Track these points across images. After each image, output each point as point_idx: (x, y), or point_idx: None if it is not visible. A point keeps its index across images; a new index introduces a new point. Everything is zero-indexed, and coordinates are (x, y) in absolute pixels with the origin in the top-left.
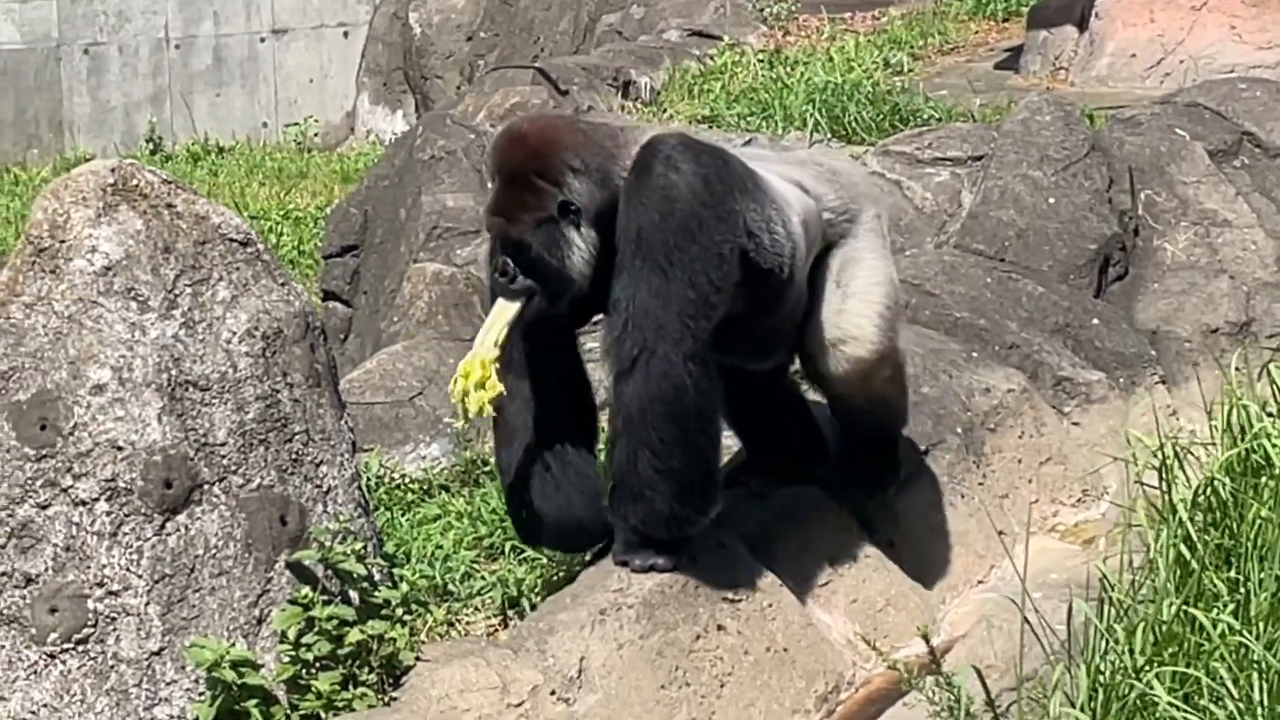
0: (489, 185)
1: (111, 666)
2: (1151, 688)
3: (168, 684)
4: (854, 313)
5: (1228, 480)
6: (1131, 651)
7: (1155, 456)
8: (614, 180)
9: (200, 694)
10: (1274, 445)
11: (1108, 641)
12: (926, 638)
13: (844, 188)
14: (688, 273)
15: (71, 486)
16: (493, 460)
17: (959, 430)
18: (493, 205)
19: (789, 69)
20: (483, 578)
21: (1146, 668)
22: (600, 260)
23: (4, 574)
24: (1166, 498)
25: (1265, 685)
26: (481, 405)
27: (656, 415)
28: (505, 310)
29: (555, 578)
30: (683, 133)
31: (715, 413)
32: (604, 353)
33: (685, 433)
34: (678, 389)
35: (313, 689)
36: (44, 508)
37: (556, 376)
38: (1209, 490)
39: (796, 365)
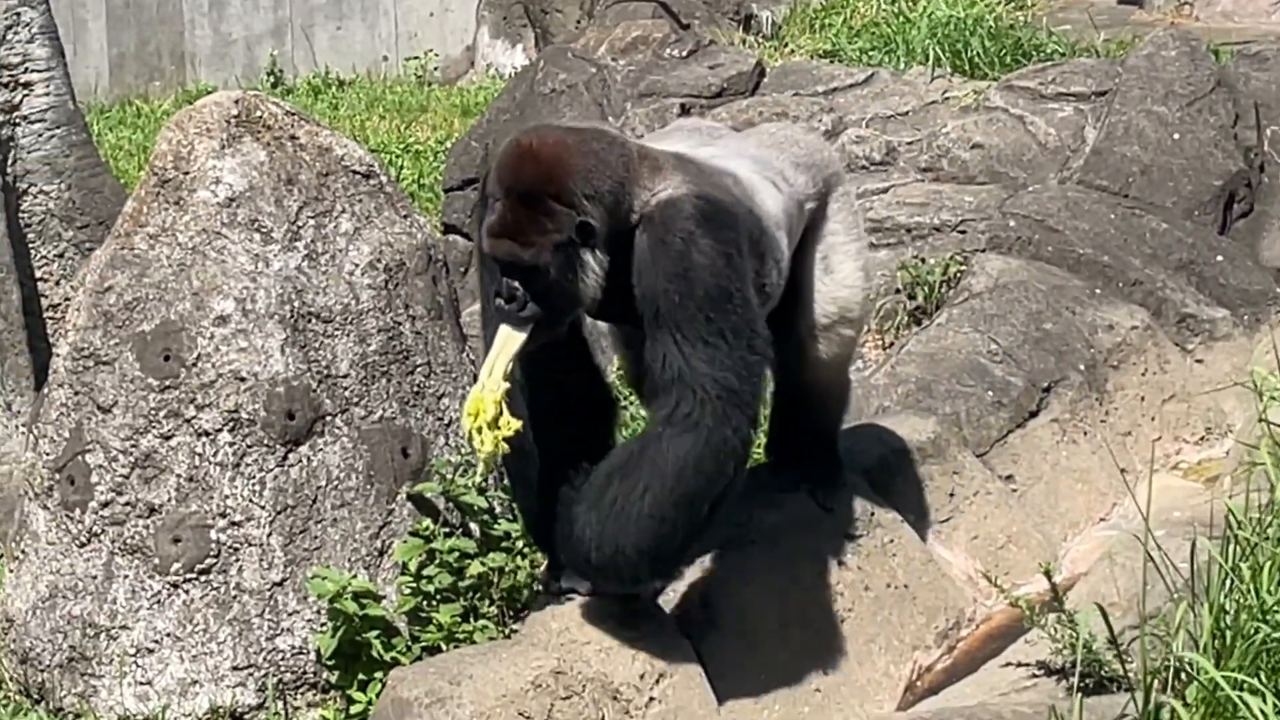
0: (492, 202)
1: (234, 597)
2: (1278, 629)
3: (289, 615)
4: (845, 297)
5: None
6: (1257, 591)
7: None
8: (625, 209)
9: (322, 625)
10: None
11: (1232, 580)
12: (1049, 574)
13: (818, 169)
14: (724, 340)
15: (195, 417)
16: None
17: (1081, 367)
18: (499, 226)
19: (911, 3)
20: None
21: (1275, 608)
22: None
23: (128, 504)
24: None
25: None
26: (496, 444)
27: (689, 478)
28: (511, 339)
29: None
30: (698, 190)
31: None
32: (643, 388)
33: (696, 505)
34: (719, 463)
35: (433, 621)
36: (167, 438)
37: (558, 383)
38: None
39: None
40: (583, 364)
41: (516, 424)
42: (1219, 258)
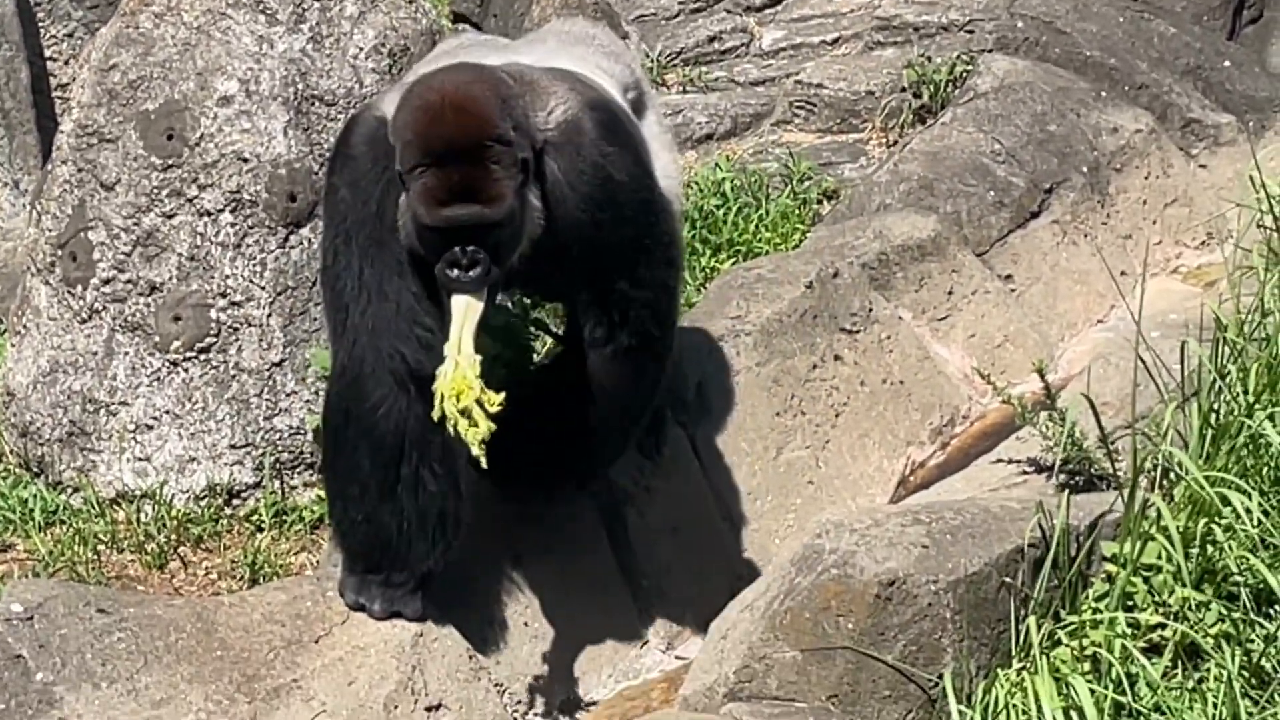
0: (419, 172)
1: (233, 376)
2: (1263, 427)
3: (288, 395)
4: (666, 189)
5: None
6: (1245, 391)
7: (1270, 199)
8: (535, 134)
9: (318, 407)
10: None
11: (1220, 381)
12: (1042, 373)
13: (624, 60)
14: (656, 258)
15: (197, 197)
16: None
17: (1084, 169)
18: (452, 191)
19: None
20: None
21: (1258, 407)
22: None
23: (129, 281)
24: None
25: None
26: (488, 426)
27: (647, 383)
28: (473, 309)
29: None
30: (589, 100)
31: None
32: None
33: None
34: (661, 362)
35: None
36: (169, 217)
37: None
38: None
39: None
40: None
41: (499, 398)
42: (1226, 63)
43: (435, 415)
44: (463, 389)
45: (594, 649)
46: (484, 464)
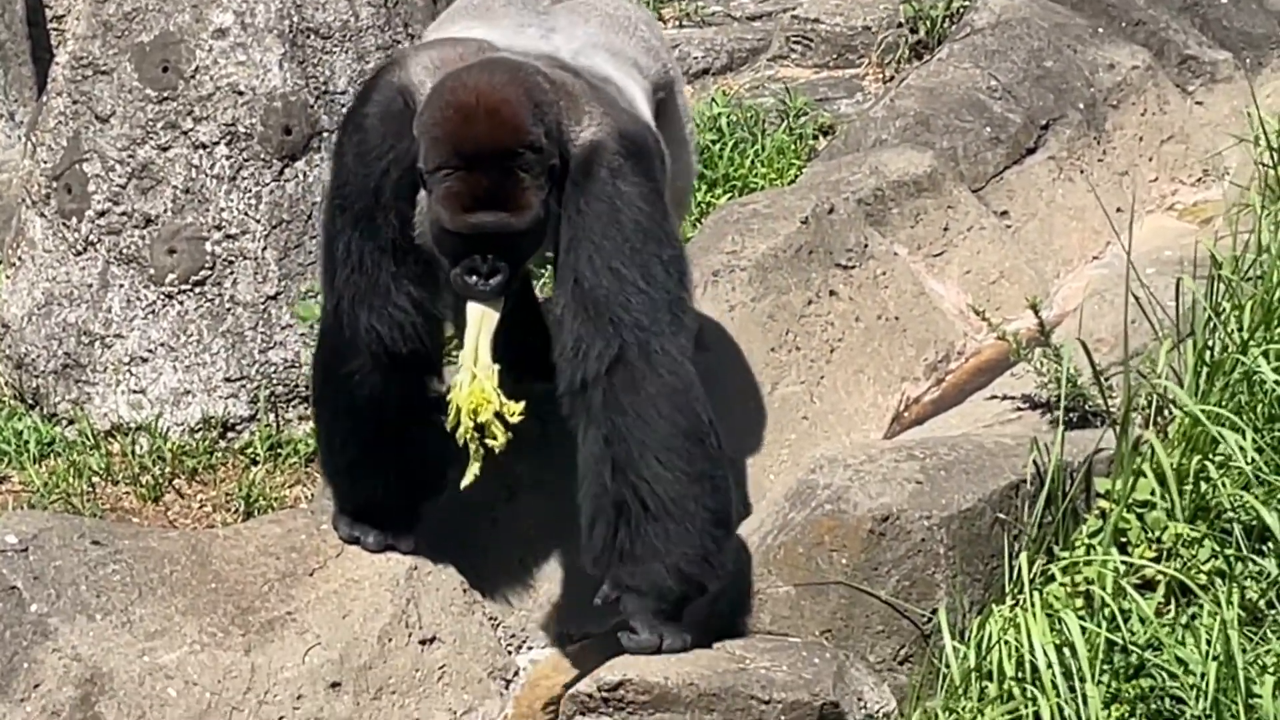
0: (444, 175)
1: (228, 309)
2: (1257, 364)
3: (282, 328)
4: (681, 188)
5: None
6: (1240, 329)
7: (1277, 137)
8: (565, 145)
9: (313, 340)
10: None
11: (1215, 319)
12: (1036, 309)
13: (661, 52)
14: (658, 266)
15: (192, 129)
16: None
17: (1081, 106)
18: (477, 198)
19: None
20: None
21: (1253, 345)
22: None
23: (124, 214)
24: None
25: None
26: (506, 440)
27: (666, 422)
28: (489, 317)
29: None
30: (619, 128)
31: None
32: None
33: (702, 443)
34: (687, 383)
35: None
36: (164, 150)
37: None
38: None
39: None
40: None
41: (519, 407)
42: (1224, 0)
43: (449, 426)
44: (481, 403)
45: (588, 582)
46: (469, 480)
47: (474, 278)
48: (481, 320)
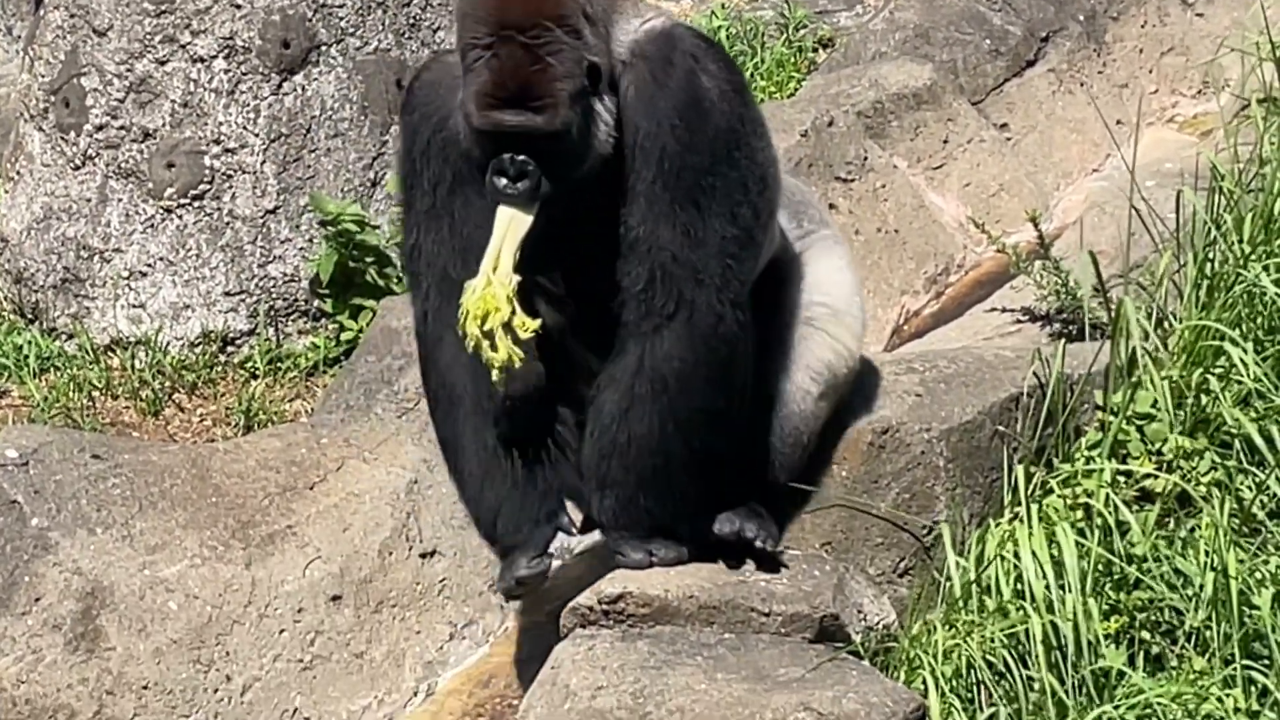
0: (474, 58)
1: (227, 223)
2: (1258, 277)
3: (282, 242)
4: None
5: None
6: (1240, 241)
7: (1273, 48)
8: (616, 44)
9: (314, 254)
10: None
11: (1215, 231)
12: (1035, 222)
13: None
14: (728, 204)
15: (190, 43)
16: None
17: (1080, 18)
18: (501, 88)
19: None
20: None
21: (1254, 258)
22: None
23: (122, 128)
24: None
25: None
26: (511, 353)
27: (701, 380)
28: (517, 223)
29: None
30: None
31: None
32: (619, 302)
33: (731, 401)
34: (729, 345)
35: None
36: (162, 63)
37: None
38: None
39: None
40: None
41: (534, 324)
42: None
43: (459, 329)
44: (491, 309)
45: None
46: (497, 382)
47: (502, 180)
48: (509, 226)
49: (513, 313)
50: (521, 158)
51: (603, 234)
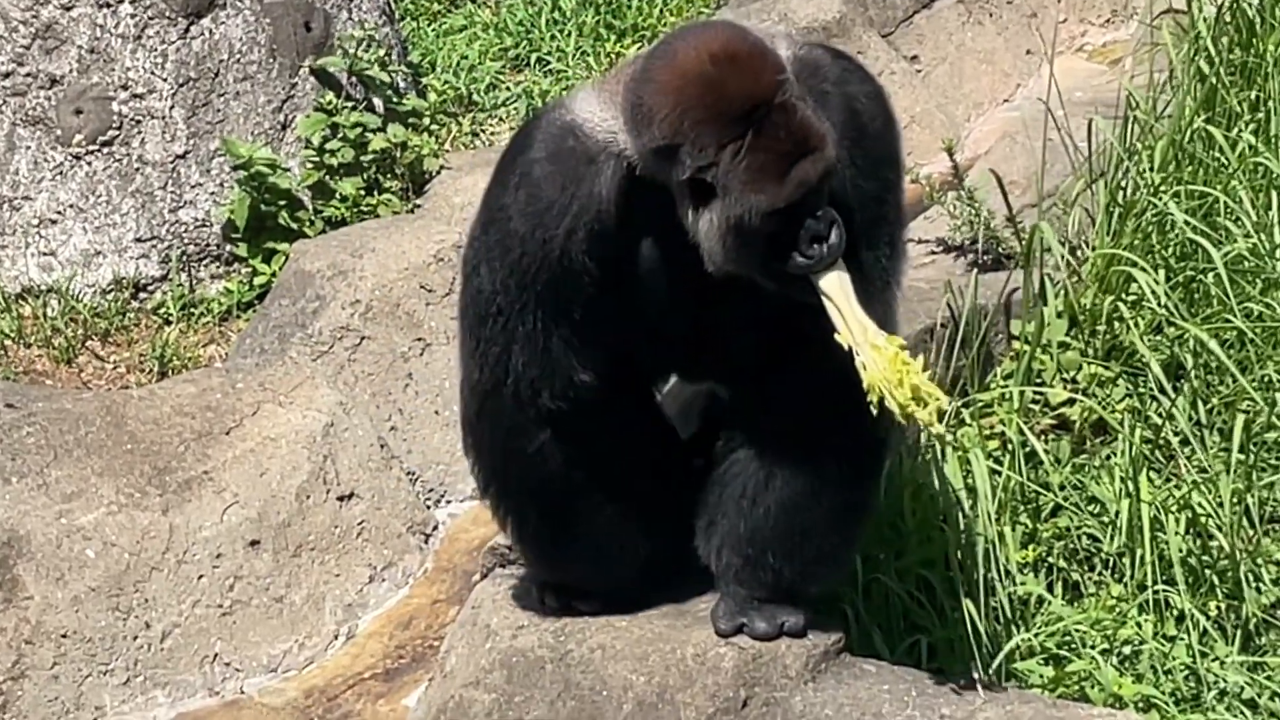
0: (719, 153)
1: (136, 169)
2: (1167, 206)
3: (192, 187)
4: None
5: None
6: (1151, 169)
7: None
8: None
9: (224, 199)
10: None
11: (1127, 160)
12: (951, 152)
13: None
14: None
15: None
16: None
17: None
18: (787, 148)
19: None
20: (507, 89)
21: (1164, 186)
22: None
23: (29, 75)
24: (1191, 16)
25: None
26: (940, 405)
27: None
28: (844, 281)
29: None
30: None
31: None
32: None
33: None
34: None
35: (337, 194)
36: (68, 9)
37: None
38: (1235, 9)
39: None
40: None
41: (941, 396)
42: None
43: (873, 407)
44: (903, 374)
45: None
46: (942, 431)
47: (817, 245)
48: (841, 289)
49: (917, 372)
50: (822, 210)
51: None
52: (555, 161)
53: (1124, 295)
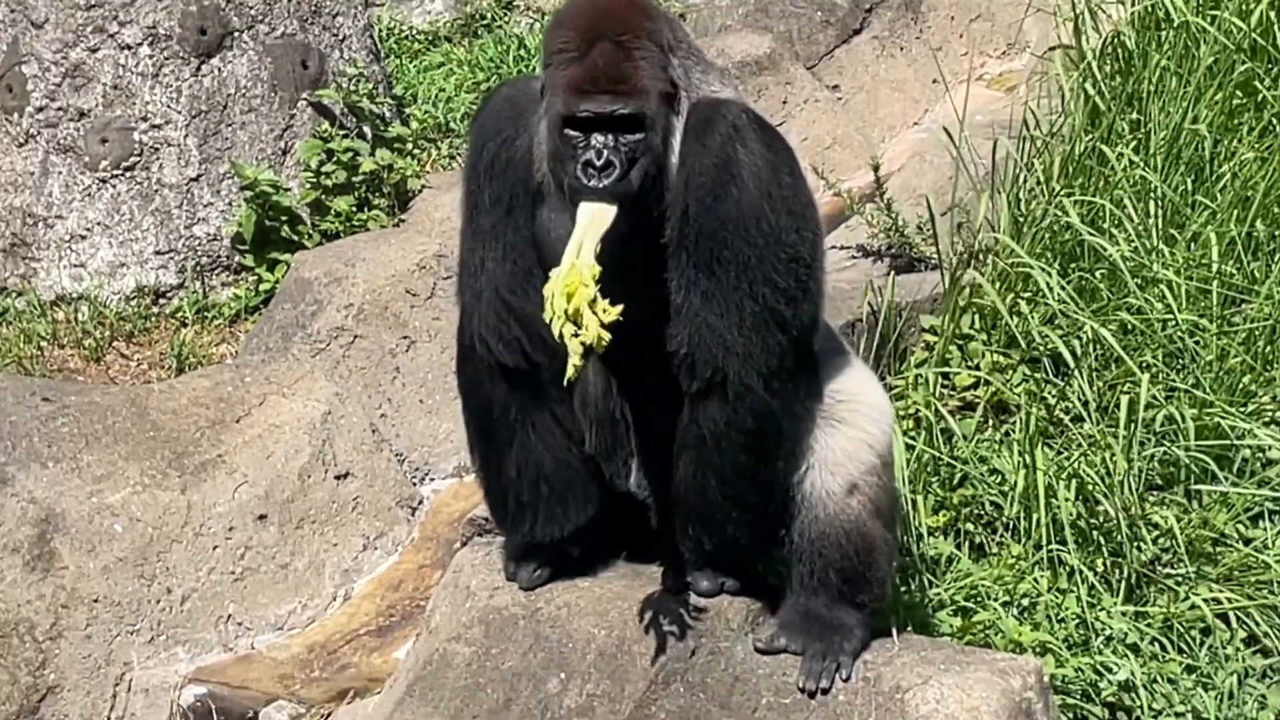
0: (566, 57)
1: (156, 190)
2: (1069, 212)
3: (204, 206)
4: None
5: (1133, 33)
6: (1049, 181)
7: (1072, 11)
8: (690, 86)
9: (233, 216)
10: (1174, 1)
11: (1025, 174)
12: (876, 168)
13: None
14: (746, 278)
15: (118, 32)
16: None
17: None
18: (593, 75)
19: None
20: None
21: (1059, 196)
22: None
23: (60, 109)
24: (1080, 49)
25: (1160, 211)
26: (598, 333)
27: (734, 444)
28: (601, 215)
29: None
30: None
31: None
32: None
33: (767, 466)
34: (757, 416)
35: (332, 210)
36: (94, 51)
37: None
38: (1116, 42)
39: None
40: None
41: (615, 310)
42: None
43: (545, 316)
44: (575, 288)
45: None
46: (572, 374)
47: (589, 172)
48: (591, 220)
49: (595, 297)
50: (611, 146)
51: (648, 295)
52: (506, 94)
53: (1022, 292)
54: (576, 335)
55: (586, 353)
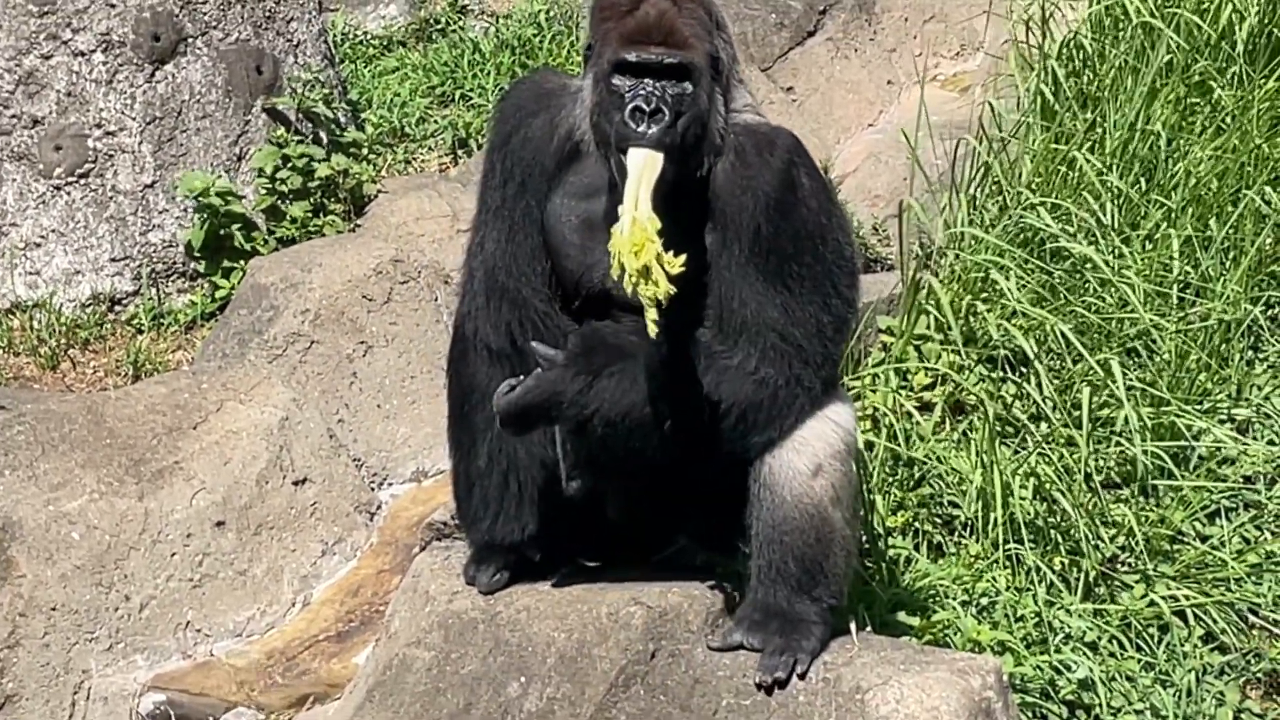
0: (620, 12)
1: (110, 197)
2: (1038, 214)
3: (160, 213)
4: None
5: (1090, 33)
6: (1012, 182)
7: (1026, 12)
8: (730, 90)
9: (188, 223)
10: (1131, 1)
11: (984, 173)
12: (826, 170)
13: None
14: (820, 292)
15: (71, 39)
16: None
17: None
18: (646, 26)
19: None
20: (435, 122)
21: (1022, 197)
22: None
23: (14, 116)
24: (1037, 50)
25: (1115, 208)
26: (667, 287)
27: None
28: (652, 162)
29: None
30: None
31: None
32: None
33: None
34: (799, 412)
35: (288, 216)
36: (47, 58)
37: None
38: (1073, 42)
39: None
40: None
41: (679, 261)
42: None
43: (614, 273)
44: (643, 244)
45: (441, 422)
46: (654, 331)
47: (638, 117)
48: (643, 168)
49: (659, 251)
50: (659, 94)
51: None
52: (529, 85)
53: (980, 292)
54: (650, 285)
55: (658, 307)
